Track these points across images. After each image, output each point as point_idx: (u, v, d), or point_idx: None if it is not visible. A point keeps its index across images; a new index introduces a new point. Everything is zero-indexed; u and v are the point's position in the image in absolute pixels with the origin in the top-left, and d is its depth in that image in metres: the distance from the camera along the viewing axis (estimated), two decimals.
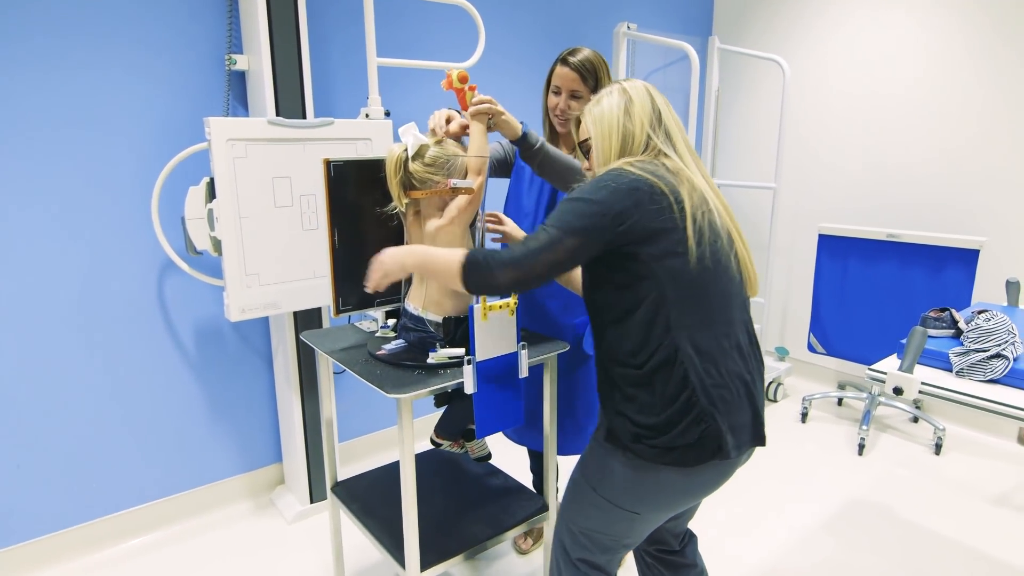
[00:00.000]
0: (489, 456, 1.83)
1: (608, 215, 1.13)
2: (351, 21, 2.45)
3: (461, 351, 1.52)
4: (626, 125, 1.24)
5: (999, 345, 1.55)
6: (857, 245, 3.03)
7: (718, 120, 3.76)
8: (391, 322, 1.76)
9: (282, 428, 2.49)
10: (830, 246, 3.12)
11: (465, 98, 1.66)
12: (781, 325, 3.78)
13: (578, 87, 1.75)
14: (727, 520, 2.36)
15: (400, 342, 1.61)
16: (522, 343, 1.51)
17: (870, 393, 3.10)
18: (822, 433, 3.08)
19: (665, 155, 1.23)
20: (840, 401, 3.41)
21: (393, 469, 1.95)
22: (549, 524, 1.76)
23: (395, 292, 1.74)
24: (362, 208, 1.62)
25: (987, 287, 2.86)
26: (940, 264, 2.82)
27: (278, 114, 2.11)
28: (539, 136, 1.61)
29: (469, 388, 1.42)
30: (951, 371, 1.62)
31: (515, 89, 2.99)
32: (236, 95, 2.23)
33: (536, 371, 1.78)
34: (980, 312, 1.66)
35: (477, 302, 1.40)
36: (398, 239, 1.68)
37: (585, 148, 1.34)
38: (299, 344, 2.29)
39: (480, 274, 1.19)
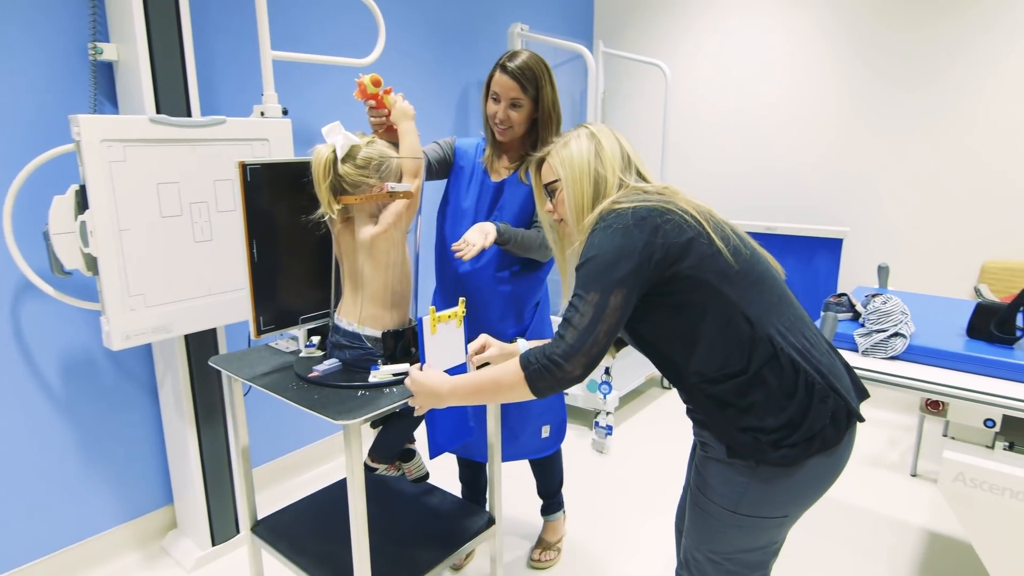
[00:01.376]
0: (427, 476, 1.73)
1: (635, 252, 1.08)
2: (235, 11, 2.22)
3: (405, 366, 1.42)
4: (598, 170, 1.22)
5: (896, 325, 1.71)
6: None
7: (605, 122, 3.88)
8: (315, 340, 1.61)
9: (172, 466, 2.21)
10: None
11: (384, 102, 1.56)
12: None
13: (518, 95, 1.69)
14: (630, 506, 2.43)
15: (333, 362, 1.48)
16: (469, 353, 1.43)
17: None
18: None
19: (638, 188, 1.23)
20: None
21: (318, 499, 1.79)
22: (494, 536, 1.70)
23: (321, 307, 1.60)
24: (283, 216, 1.47)
25: (850, 272, 3.18)
26: (811, 252, 3.10)
27: (158, 111, 1.86)
28: (508, 226, 1.67)
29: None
30: (856, 351, 1.77)
31: (411, 88, 2.88)
32: (102, 90, 1.94)
33: None
34: (875, 296, 1.83)
35: (424, 313, 1.31)
36: (324, 249, 1.54)
37: (551, 190, 1.29)
38: (193, 370, 2.04)
39: (551, 378, 1.11)
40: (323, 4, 2.49)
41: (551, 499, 2.14)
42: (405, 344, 1.47)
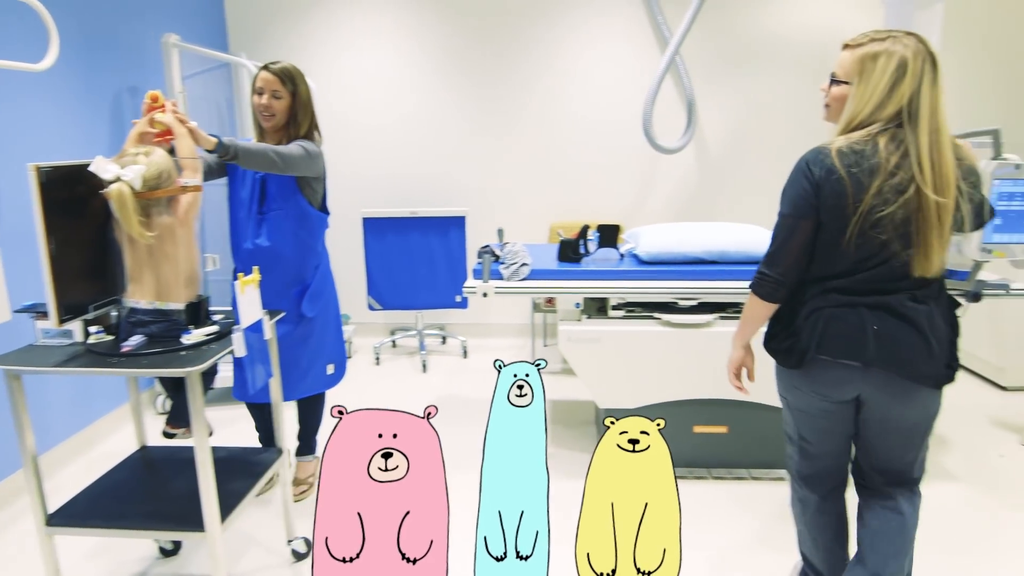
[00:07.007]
0: (212, 433, 2.01)
1: (810, 192, 1.38)
2: None
3: (214, 328, 1.74)
4: (874, 99, 1.32)
5: (522, 258, 2.69)
6: (391, 223, 4.03)
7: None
8: (94, 328, 1.74)
9: None
10: (373, 226, 4.03)
11: (154, 118, 1.80)
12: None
13: (278, 88, 2.13)
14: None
15: (138, 337, 1.69)
16: (265, 310, 1.83)
17: (418, 330, 4.20)
18: (394, 368, 4.03)
19: (883, 132, 1.33)
20: (394, 343, 4.43)
21: (109, 479, 1.89)
22: (284, 464, 2.09)
23: (103, 295, 1.75)
24: (70, 214, 1.61)
25: (473, 239, 4.26)
26: (446, 228, 4.07)
27: None
28: (232, 139, 1.90)
29: (240, 352, 1.70)
30: (502, 279, 2.70)
31: (63, 93, 2.79)
32: None
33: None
34: (505, 244, 2.80)
35: (235, 278, 1.68)
36: (101, 241, 1.71)
37: (834, 80, 1.42)
38: None
39: (765, 283, 1.49)
40: None
41: (308, 440, 2.56)
42: (204, 312, 1.78)
